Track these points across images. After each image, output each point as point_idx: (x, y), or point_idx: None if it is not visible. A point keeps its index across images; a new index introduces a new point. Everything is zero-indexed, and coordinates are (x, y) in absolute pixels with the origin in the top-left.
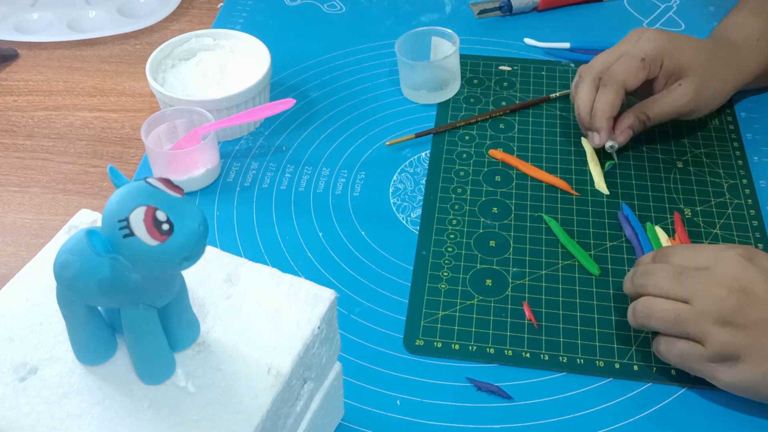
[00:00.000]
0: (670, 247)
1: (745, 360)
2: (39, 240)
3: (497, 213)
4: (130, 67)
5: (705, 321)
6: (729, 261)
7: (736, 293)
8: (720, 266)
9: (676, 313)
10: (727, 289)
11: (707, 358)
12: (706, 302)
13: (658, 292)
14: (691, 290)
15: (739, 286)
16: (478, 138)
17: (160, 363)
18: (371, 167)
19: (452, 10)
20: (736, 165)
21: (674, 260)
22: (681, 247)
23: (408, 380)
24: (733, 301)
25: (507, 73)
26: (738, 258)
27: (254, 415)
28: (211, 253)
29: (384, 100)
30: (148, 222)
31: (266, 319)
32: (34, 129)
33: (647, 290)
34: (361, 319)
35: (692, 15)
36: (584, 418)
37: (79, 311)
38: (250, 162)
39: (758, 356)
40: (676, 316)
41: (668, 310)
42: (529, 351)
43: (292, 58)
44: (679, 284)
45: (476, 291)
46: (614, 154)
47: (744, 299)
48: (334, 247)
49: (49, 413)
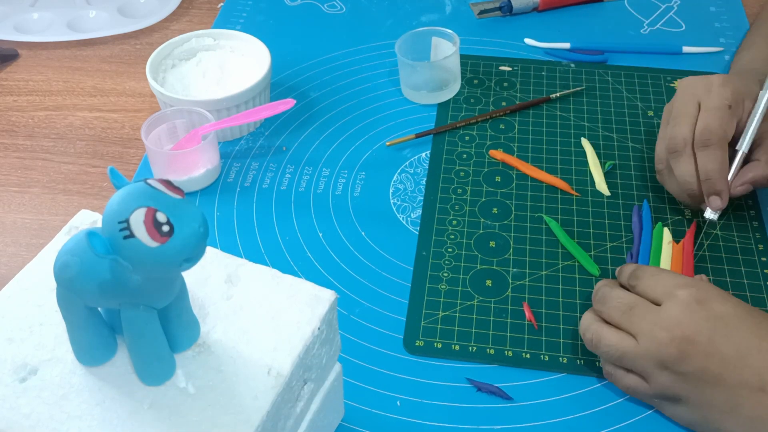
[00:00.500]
0: (642, 271)
1: (684, 403)
2: (39, 240)
3: (497, 213)
4: (130, 67)
5: (647, 361)
6: (679, 303)
7: (677, 341)
8: (669, 307)
9: (621, 351)
10: (670, 334)
11: (652, 395)
12: (649, 343)
13: (610, 321)
14: (637, 328)
15: (682, 333)
16: (479, 138)
17: (161, 364)
18: (371, 167)
19: (452, 10)
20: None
21: (640, 286)
22: (648, 274)
23: (408, 381)
24: (674, 348)
25: (507, 74)
26: (688, 300)
27: (254, 416)
28: (212, 254)
29: (384, 101)
30: (149, 223)
31: (266, 320)
32: (34, 129)
33: (602, 315)
34: (361, 319)
35: (692, 15)
36: (584, 419)
37: (80, 312)
38: (250, 162)
39: (696, 403)
40: (622, 354)
41: (613, 346)
42: (529, 352)
43: (292, 58)
44: (628, 319)
45: (476, 291)
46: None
47: (685, 347)
48: (334, 248)
49: (50, 414)
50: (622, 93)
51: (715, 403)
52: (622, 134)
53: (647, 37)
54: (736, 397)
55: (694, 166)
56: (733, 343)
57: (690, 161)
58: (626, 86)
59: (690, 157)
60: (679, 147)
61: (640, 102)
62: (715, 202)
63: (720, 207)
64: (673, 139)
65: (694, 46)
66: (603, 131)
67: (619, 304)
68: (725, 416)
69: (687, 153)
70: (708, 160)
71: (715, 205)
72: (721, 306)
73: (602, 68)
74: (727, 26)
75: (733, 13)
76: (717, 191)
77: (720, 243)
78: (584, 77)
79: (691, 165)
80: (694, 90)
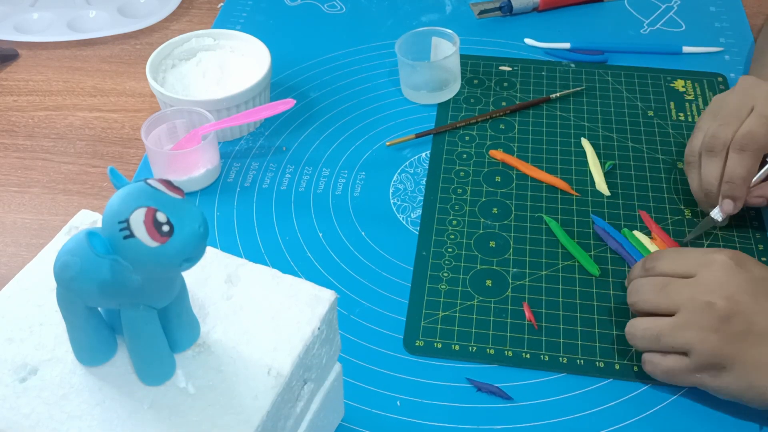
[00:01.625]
0: (658, 253)
1: (730, 370)
2: (39, 240)
3: (497, 213)
4: (130, 67)
5: (690, 331)
6: (718, 267)
7: (723, 300)
8: (707, 273)
9: (657, 330)
10: (713, 296)
11: (693, 369)
12: (691, 313)
13: (647, 307)
14: (677, 301)
15: (726, 293)
16: (479, 138)
17: (161, 364)
18: (371, 167)
19: (452, 10)
20: None
21: (662, 267)
22: (668, 253)
23: (408, 381)
24: (719, 309)
25: (507, 74)
26: (727, 264)
27: (254, 416)
28: (212, 254)
29: (384, 101)
30: (149, 223)
31: (266, 320)
32: (34, 129)
33: (638, 307)
34: (361, 319)
35: (692, 15)
36: (584, 419)
37: (80, 312)
38: (250, 162)
39: (742, 367)
40: (658, 333)
41: (648, 329)
42: (529, 352)
43: (292, 58)
44: (666, 296)
45: (476, 291)
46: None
47: (730, 306)
48: (334, 248)
49: (50, 414)
50: (622, 93)
51: (762, 364)
52: (622, 134)
53: (647, 37)
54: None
55: (721, 168)
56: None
57: (721, 164)
58: (626, 86)
59: (722, 160)
60: (717, 148)
61: (640, 102)
62: (728, 206)
63: (731, 212)
64: (714, 137)
65: (694, 46)
66: (603, 131)
67: (652, 287)
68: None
69: (722, 156)
70: (738, 164)
71: (727, 209)
72: (759, 269)
73: (602, 68)
74: (727, 26)
75: (733, 13)
76: (734, 197)
77: (720, 243)
78: (584, 77)
79: (720, 167)
80: (753, 92)
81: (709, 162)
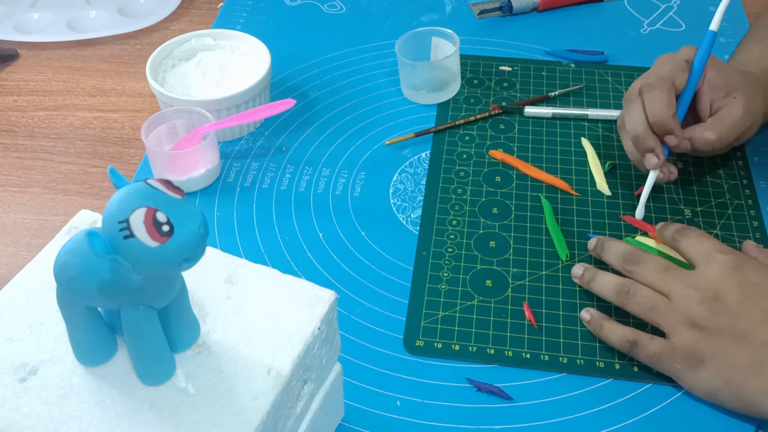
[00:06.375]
0: (689, 230)
1: (708, 365)
2: (39, 240)
3: (497, 213)
4: (130, 67)
5: (677, 317)
6: (716, 266)
7: (708, 299)
8: (705, 269)
9: (654, 302)
10: (702, 293)
11: (676, 356)
12: (681, 300)
13: (642, 282)
14: (671, 286)
15: (713, 293)
16: (478, 138)
17: (161, 364)
18: (371, 167)
19: (452, 10)
20: (736, 165)
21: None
22: (697, 233)
23: (408, 381)
24: (705, 305)
25: (507, 74)
26: (726, 265)
27: (254, 416)
28: (212, 254)
29: (384, 101)
30: (149, 223)
31: (266, 320)
32: (34, 129)
33: (633, 276)
34: (361, 319)
35: (692, 15)
36: (584, 419)
37: (79, 312)
38: (250, 162)
39: (720, 363)
40: (654, 305)
41: (647, 297)
42: (529, 352)
43: (292, 58)
44: (663, 279)
45: (476, 291)
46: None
47: (714, 305)
48: (334, 248)
49: (49, 414)
50: (622, 93)
51: (739, 362)
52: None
53: (647, 37)
54: (761, 357)
55: (643, 114)
56: (762, 308)
57: (640, 107)
58: (626, 86)
59: (639, 104)
60: (633, 96)
61: None
62: (650, 159)
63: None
64: (628, 92)
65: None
66: (603, 131)
67: (655, 266)
68: (748, 377)
69: (639, 101)
70: (653, 102)
71: (651, 163)
72: (756, 275)
73: (602, 68)
74: (727, 26)
75: (733, 12)
76: (668, 130)
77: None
78: (584, 77)
79: (638, 111)
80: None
81: (629, 110)
